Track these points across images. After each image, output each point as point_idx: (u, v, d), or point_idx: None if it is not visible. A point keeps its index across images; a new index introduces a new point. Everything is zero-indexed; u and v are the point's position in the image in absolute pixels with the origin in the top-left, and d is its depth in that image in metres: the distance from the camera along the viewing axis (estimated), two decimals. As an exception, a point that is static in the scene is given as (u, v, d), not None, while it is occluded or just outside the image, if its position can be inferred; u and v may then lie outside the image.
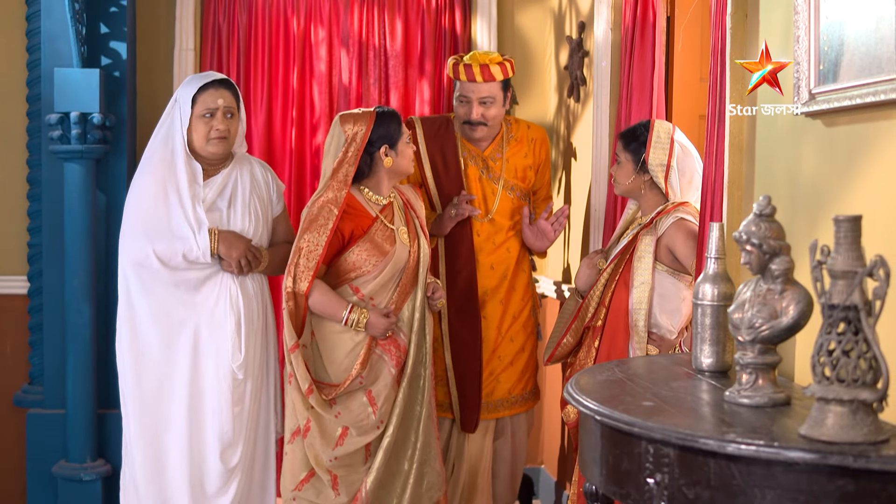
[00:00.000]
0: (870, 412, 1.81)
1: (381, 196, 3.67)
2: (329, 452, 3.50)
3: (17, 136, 4.60)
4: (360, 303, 3.58)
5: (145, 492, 3.65)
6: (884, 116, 2.15)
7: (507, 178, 4.15)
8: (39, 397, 4.54)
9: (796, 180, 2.54)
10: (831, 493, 1.78)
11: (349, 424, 3.52)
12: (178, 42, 4.70)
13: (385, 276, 3.58)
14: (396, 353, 3.59)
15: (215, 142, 3.60)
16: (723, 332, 2.53)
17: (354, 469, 3.56)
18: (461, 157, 4.14)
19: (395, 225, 3.64)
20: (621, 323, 3.44)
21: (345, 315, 3.52)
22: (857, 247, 1.82)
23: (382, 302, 3.59)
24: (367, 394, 3.54)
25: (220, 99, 3.60)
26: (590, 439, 2.31)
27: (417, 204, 3.79)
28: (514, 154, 4.18)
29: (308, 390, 3.49)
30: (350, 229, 3.57)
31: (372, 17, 4.83)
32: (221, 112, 3.60)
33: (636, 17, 3.77)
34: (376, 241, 3.59)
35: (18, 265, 4.63)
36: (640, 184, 3.53)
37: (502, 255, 4.16)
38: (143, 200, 3.61)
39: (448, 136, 4.16)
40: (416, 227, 3.69)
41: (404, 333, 3.61)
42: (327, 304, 3.53)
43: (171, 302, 3.60)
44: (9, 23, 4.58)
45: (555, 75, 4.85)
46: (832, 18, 2.34)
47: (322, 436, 3.51)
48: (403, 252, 3.62)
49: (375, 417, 3.53)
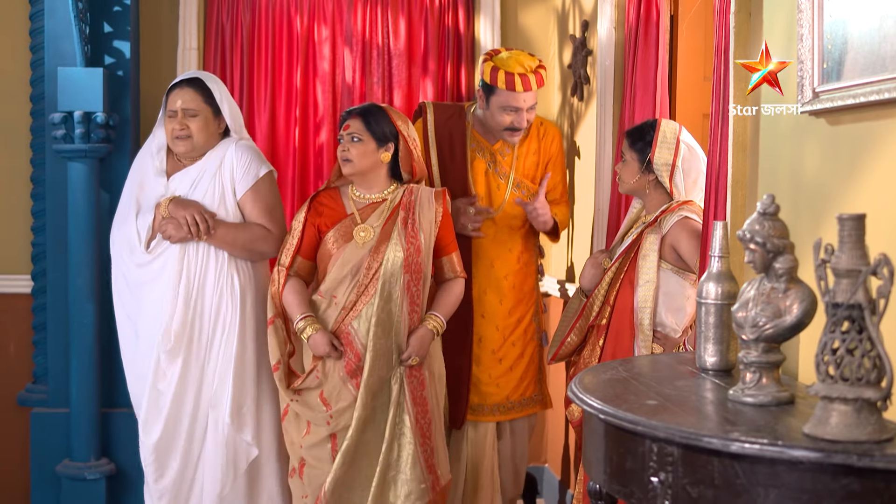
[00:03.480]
0: (874, 411, 1.81)
1: (368, 193, 3.71)
2: (299, 439, 3.62)
3: (21, 136, 4.60)
4: (323, 301, 3.63)
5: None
6: (887, 115, 2.15)
7: (516, 176, 4.14)
8: (43, 396, 4.54)
9: (800, 179, 2.54)
10: (835, 492, 1.78)
11: (305, 416, 3.61)
12: (181, 41, 4.71)
13: (338, 271, 3.61)
14: (349, 356, 3.59)
15: (177, 141, 3.75)
16: (726, 331, 2.52)
17: (322, 463, 3.59)
18: (469, 148, 4.14)
19: (364, 223, 3.64)
20: (626, 321, 3.43)
21: (296, 319, 3.61)
22: (860, 245, 1.81)
23: (342, 300, 3.61)
24: (319, 394, 3.60)
25: (179, 100, 3.74)
26: (593, 438, 2.31)
27: (424, 208, 3.70)
28: (526, 151, 4.18)
29: (274, 366, 3.62)
30: (318, 222, 3.68)
31: (375, 15, 4.83)
32: (180, 113, 3.72)
33: (640, 15, 3.77)
34: (340, 232, 3.65)
35: (22, 264, 4.64)
36: (645, 183, 3.52)
37: (503, 254, 4.14)
38: (123, 193, 3.85)
39: (459, 125, 4.15)
40: (393, 229, 3.64)
41: (359, 339, 3.59)
42: (290, 305, 3.65)
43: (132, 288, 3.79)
44: (12, 22, 4.59)
45: (558, 74, 4.85)
46: (836, 17, 2.34)
47: (296, 421, 3.64)
48: (356, 251, 3.61)
49: (325, 413, 3.59)
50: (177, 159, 3.82)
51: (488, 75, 4.03)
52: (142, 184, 3.79)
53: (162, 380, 3.70)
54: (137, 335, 3.76)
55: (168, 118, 3.75)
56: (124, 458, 4.42)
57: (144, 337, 3.73)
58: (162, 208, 3.70)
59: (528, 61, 4.06)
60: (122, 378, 4.42)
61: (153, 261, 3.72)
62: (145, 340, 3.72)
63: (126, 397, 4.27)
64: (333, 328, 3.60)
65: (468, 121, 4.17)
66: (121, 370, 4.37)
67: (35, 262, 4.58)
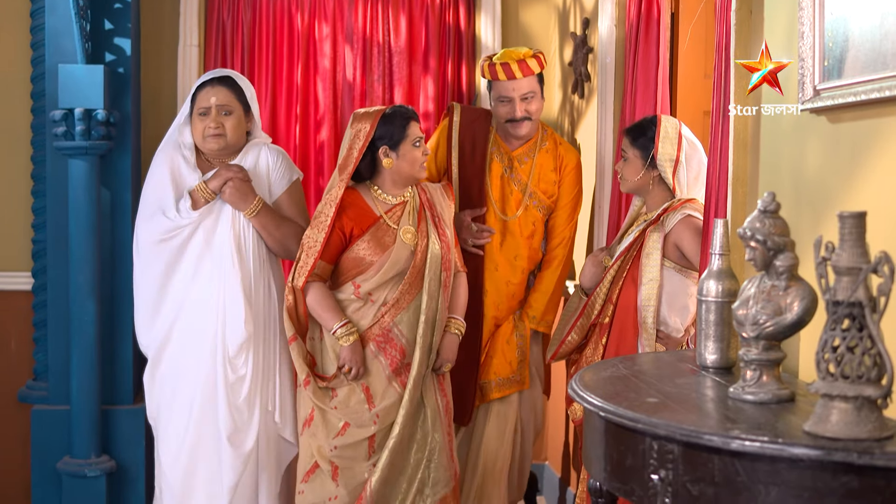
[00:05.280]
0: (874, 409, 1.81)
1: (390, 195, 3.67)
2: (330, 442, 3.55)
3: (22, 133, 4.60)
4: (357, 301, 3.59)
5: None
6: (888, 112, 2.15)
7: (532, 187, 4.13)
8: (44, 393, 4.54)
9: (801, 177, 2.54)
10: (835, 490, 1.78)
11: (345, 417, 3.56)
12: (182, 38, 4.71)
13: (384, 275, 3.58)
14: (392, 353, 3.59)
15: (210, 139, 3.66)
16: (727, 329, 2.53)
17: (356, 462, 3.57)
18: (489, 151, 4.15)
19: (400, 224, 3.63)
20: (629, 320, 3.42)
21: (336, 326, 3.55)
22: (861, 243, 1.81)
23: (380, 298, 3.59)
24: (363, 388, 3.57)
25: (213, 97, 3.66)
26: (594, 435, 2.31)
27: (442, 203, 3.73)
28: (544, 163, 4.16)
29: (305, 381, 3.56)
30: (350, 227, 3.59)
31: (376, 13, 4.83)
32: (214, 110, 3.65)
33: (640, 13, 3.77)
34: (377, 237, 3.59)
35: (23, 261, 4.64)
36: (649, 179, 3.51)
37: (509, 260, 4.13)
38: (148, 192, 3.70)
39: (483, 127, 4.16)
40: (427, 227, 3.65)
41: (403, 335, 3.59)
42: (322, 311, 3.58)
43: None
44: (13, 19, 4.59)
45: (559, 72, 4.85)
46: (837, 14, 2.34)
47: (324, 426, 3.57)
48: (403, 251, 3.60)
49: (371, 412, 3.56)
50: (205, 159, 3.73)
51: (485, 71, 4.08)
52: (174, 179, 3.66)
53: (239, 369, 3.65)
54: (194, 327, 3.66)
55: (199, 116, 3.67)
56: (125, 454, 4.42)
57: (199, 329, 3.66)
58: (198, 188, 3.63)
59: (517, 52, 4.07)
60: (122, 375, 4.44)
61: (193, 234, 3.63)
62: (200, 333, 3.66)
63: (127, 394, 4.28)
64: (372, 325, 3.59)
65: (492, 125, 4.18)
66: (121, 367, 4.39)
67: (36, 259, 4.58)
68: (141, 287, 3.73)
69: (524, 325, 4.19)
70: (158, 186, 3.68)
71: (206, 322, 3.63)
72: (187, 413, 3.65)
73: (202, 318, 3.63)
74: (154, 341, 3.70)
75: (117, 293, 4.45)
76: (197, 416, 3.64)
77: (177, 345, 3.67)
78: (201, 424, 3.64)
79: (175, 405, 3.67)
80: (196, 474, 3.66)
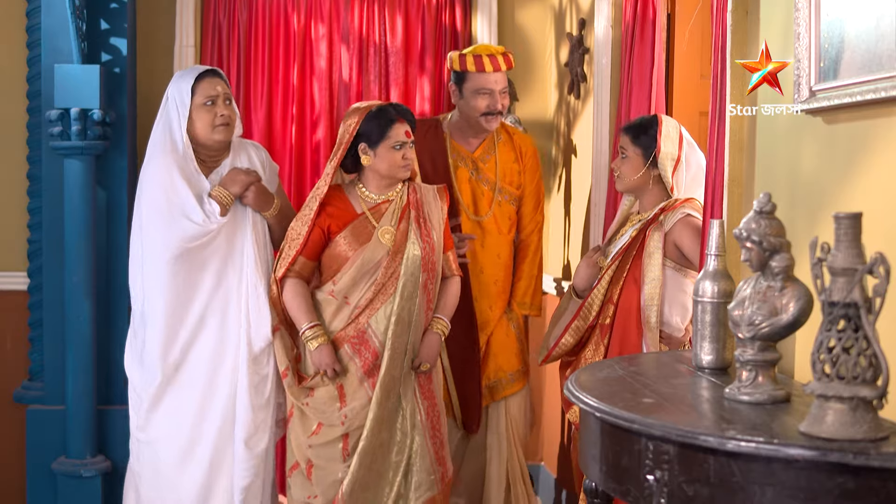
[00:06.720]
0: (869, 409, 1.81)
1: (374, 193, 3.66)
2: (306, 440, 3.59)
3: (17, 133, 4.59)
4: (333, 302, 3.59)
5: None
6: (884, 113, 2.15)
7: (500, 183, 4.16)
8: (39, 393, 4.53)
9: (797, 177, 2.54)
10: (831, 491, 1.78)
11: (317, 416, 3.57)
12: (178, 38, 4.70)
13: (357, 270, 3.57)
14: (365, 355, 3.57)
15: (220, 128, 3.63)
16: (723, 329, 2.53)
17: (331, 462, 3.58)
18: (450, 159, 4.15)
19: (380, 223, 3.62)
20: (632, 320, 3.38)
21: (303, 327, 3.56)
22: (857, 244, 1.82)
23: (354, 299, 3.59)
24: (337, 387, 3.57)
25: (219, 87, 3.65)
26: (589, 436, 2.31)
27: (432, 205, 3.71)
28: (505, 156, 4.20)
29: (283, 372, 3.60)
30: (328, 224, 3.61)
31: (372, 13, 4.83)
32: (222, 98, 3.65)
33: (636, 14, 3.77)
34: (355, 232, 3.60)
35: (18, 261, 4.63)
36: (648, 178, 3.49)
37: (492, 260, 4.16)
38: (157, 198, 3.61)
39: (437, 139, 4.18)
40: (408, 228, 3.63)
41: (377, 336, 3.57)
42: (294, 310, 3.60)
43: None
44: (9, 19, 4.58)
45: (555, 72, 4.85)
46: (833, 16, 2.34)
47: (301, 423, 3.61)
48: (379, 250, 3.58)
49: (339, 412, 3.56)
50: (199, 160, 3.67)
51: (457, 63, 4.10)
52: (188, 178, 3.59)
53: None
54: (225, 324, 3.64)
55: (204, 107, 3.60)
56: (120, 455, 4.40)
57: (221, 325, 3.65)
58: (219, 193, 3.60)
59: (492, 47, 4.16)
60: (117, 375, 4.42)
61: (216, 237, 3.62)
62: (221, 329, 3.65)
63: (122, 395, 4.27)
64: (346, 325, 3.58)
65: (445, 132, 4.19)
66: (116, 367, 4.38)
67: (31, 259, 4.58)
68: (157, 303, 3.60)
69: (515, 313, 4.21)
70: (173, 192, 3.57)
71: (228, 329, 3.63)
72: (197, 423, 3.63)
73: (223, 326, 3.62)
74: (168, 368, 3.61)
75: (113, 293, 4.45)
76: (212, 427, 3.63)
77: (192, 364, 3.63)
78: (218, 434, 3.63)
79: (183, 416, 3.64)
80: (211, 482, 3.65)
